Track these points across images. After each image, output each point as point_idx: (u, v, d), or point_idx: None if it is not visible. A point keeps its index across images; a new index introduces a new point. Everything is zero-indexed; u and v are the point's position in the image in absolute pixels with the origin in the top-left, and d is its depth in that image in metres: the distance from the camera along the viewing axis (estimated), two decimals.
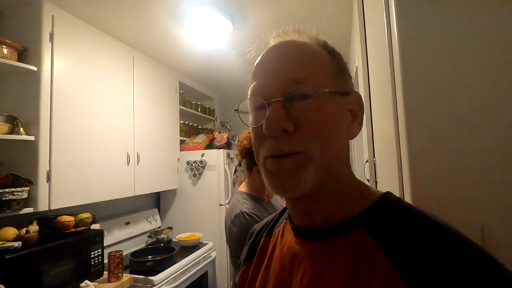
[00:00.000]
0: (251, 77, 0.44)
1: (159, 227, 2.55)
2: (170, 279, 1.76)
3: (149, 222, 2.43)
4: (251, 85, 0.43)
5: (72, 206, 1.58)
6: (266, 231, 0.53)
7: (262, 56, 0.43)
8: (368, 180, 1.13)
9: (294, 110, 0.38)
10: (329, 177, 0.39)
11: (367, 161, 1.13)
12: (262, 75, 0.42)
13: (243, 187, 1.28)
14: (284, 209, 0.53)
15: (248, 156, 1.21)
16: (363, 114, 0.44)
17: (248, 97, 0.43)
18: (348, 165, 0.44)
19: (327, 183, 0.39)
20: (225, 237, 2.40)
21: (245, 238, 0.97)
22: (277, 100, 0.38)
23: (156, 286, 1.66)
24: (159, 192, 2.70)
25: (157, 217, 2.54)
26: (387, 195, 0.41)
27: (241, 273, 0.53)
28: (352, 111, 0.42)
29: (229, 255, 1.15)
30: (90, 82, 1.74)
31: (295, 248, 0.42)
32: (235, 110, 0.48)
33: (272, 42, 0.44)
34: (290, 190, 0.39)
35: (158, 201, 2.71)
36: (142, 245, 2.32)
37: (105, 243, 1.95)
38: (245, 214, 1.08)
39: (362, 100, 0.44)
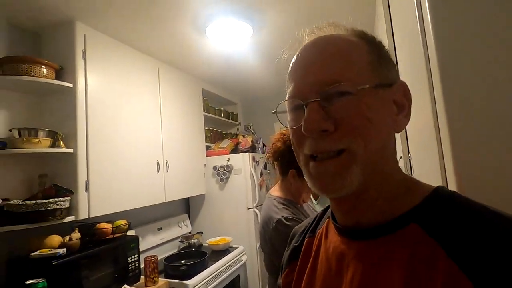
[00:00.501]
0: (287, 78, 0.44)
1: (189, 232, 2.61)
2: (203, 283, 1.79)
3: (180, 227, 2.48)
4: (288, 87, 0.43)
5: (109, 214, 1.66)
6: (308, 232, 0.52)
7: (296, 56, 0.43)
8: None
9: (333, 108, 0.37)
10: (375, 173, 0.38)
11: (401, 157, 1.08)
12: (298, 75, 0.41)
13: (276, 191, 1.21)
14: (325, 209, 0.52)
15: (282, 158, 1.15)
16: (410, 106, 0.41)
17: (286, 98, 0.43)
18: (394, 160, 0.42)
19: (373, 180, 0.38)
20: (253, 240, 2.39)
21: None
22: (314, 101, 0.37)
23: None
24: (188, 198, 2.76)
25: (188, 222, 2.60)
26: (440, 189, 0.38)
27: (284, 275, 0.52)
28: (397, 102, 0.40)
29: (265, 260, 1.11)
30: (120, 95, 1.82)
31: (341, 248, 0.41)
32: (273, 112, 0.47)
33: (306, 40, 0.44)
34: (335, 191, 0.39)
35: (187, 206, 2.78)
36: (175, 250, 2.38)
37: (140, 248, 2.03)
38: (287, 220, 1.00)
39: (409, 90, 0.41)
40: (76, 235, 1.40)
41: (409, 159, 1.02)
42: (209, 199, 2.67)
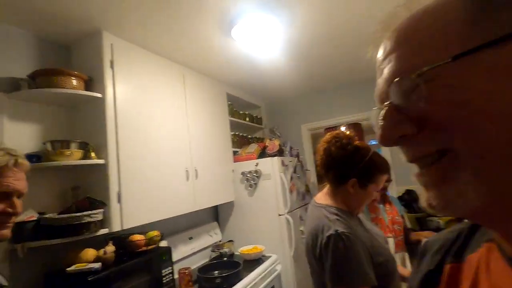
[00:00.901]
0: None
1: (220, 241, 2.54)
2: None
3: (210, 236, 2.42)
4: None
5: (141, 225, 1.62)
6: (450, 254, 0.39)
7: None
8: None
9: (413, 106, 0.29)
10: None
11: None
12: (377, 72, 0.35)
13: (327, 200, 1.05)
14: (474, 226, 0.39)
15: (338, 166, 1.01)
16: None
17: None
18: None
19: None
20: (287, 248, 2.20)
21: (345, 263, 0.84)
22: (387, 104, 0.31)
23: None
24: (217, 205, 2.70)
25: (217, 230, 2.53)
26: None
27: None
28: None
29: (312, 275, 1.00)
30: (147, 103, 1.79)
31: None
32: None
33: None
34: (443, 210, 0.29)
35: (216, 214, 2.71)
36: (206, 260, 2.32)
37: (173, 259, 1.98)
38: (343, 235, 0.87)
39: None
40: (111, 248, 1.36)
41: None
42: (238, 206, 2.59)
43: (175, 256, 2.01)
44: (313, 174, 3.19)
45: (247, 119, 3.13)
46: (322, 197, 1.08)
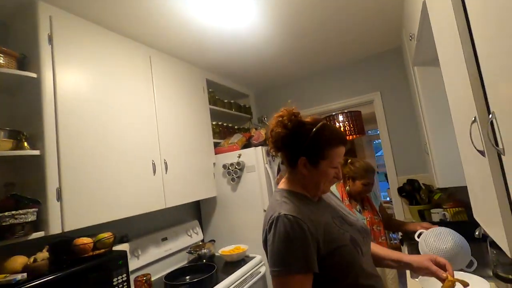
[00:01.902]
0: None
1: (201, 241, 2.31)
2: None
3: (190, 236, 2.19)
4: None
5: (95, 226, 1.40)
6: None
7: None
8: (480, 152, 0.67)
9: None
10: None
11: (474, 121, 0.67)
12: None
13: (285, 184, 0.98)
14: None
15: (287, 146, 0.92)
16: None
17: None
18: None
19: None
20: None
21: (284, 246, 0.77)
22: None
23: None
24: (199, 202, 2.47)
25: (198, 229, 2.30)
26: None
27: None
28: None
29: (270, 272, 0.83)
30: (103, 87, 1.56)
31: None
32: None
33: None
34: None
35: (198, 212, 2.48)
36: (184, 263, 2.09)
37: (140, 263, 1.76)
38: (286, 218, 0.80)
39: None
40: (43, 255, 1.14)
41: (492, 122, 0.61)
42: (221, 202, 2.36)
43: (145, 259, 1.80)
44: None
45: (233, 108, 2.89)
46: (282, 182, 1.00)
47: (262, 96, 3.34)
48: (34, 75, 1.30)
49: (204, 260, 2.01)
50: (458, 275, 1.15)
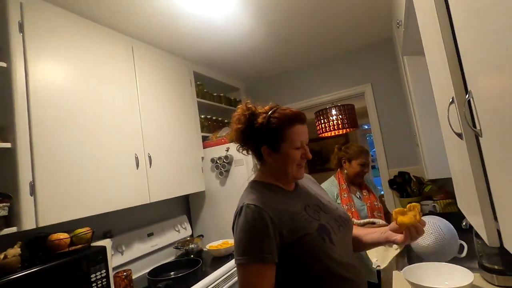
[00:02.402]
0: None
1: (190, 236, 2.28)
2: None
3: (177, 231, 2.16)
4: None
5: (75, 221, 1.36)
6: None
7: None
8: (458, 135, 0.64)
9: None
10: None
11: (452, 102, 0.63)
12: None
13: (256, 176, 0.98)
14: None
15: (248, 140, 0.92)
16: None
17: None
18: None
19: None
20: None
21: (245, 236, 0.77)
22: None
23: None
24: (188, 197, 2.43)
25: (187, 224, 2.27)
26: None
27: None
28: None
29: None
30: (79, 78, 1.51)
31: None
32: None
33: None
34: None
35: (187, 206, 2.45)
36: (172, 258, 2.06)
37: (124, 259, 1.72)
38: (248, 208, 0.80)
39: None
40: (14, 251, 1.09)
41: (469, 102, 0.58)
42: (210, 197, 2.32)
43: (130, 255, 1.76)
44: None
45: (222, 101, 2.83)
46: (256, 174, 0.98)
47: (252, 90, 3.29)
48: (4, 64, 1.24)
49: (192, 255, 1.97)
50: (441, 264, 1.12)
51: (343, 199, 1.73)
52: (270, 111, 0.89)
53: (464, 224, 1.26)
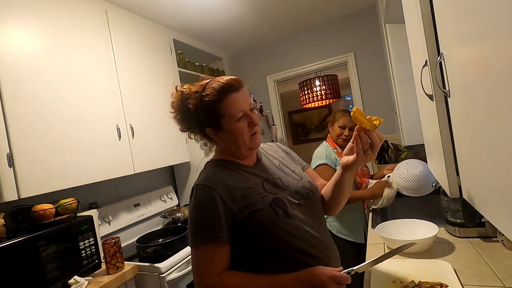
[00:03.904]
0: None
1: (177, 206, 2.32)
2: (182, 264, 1.50)
3: (164, 201, 2.19)
4: None
5: (59, 192, 1.35)
6: None
7: None
8: (429, 96, 0.67)
9: None
10: None
11: (425, 65, 0.66)
12: None
13: (212, 155, 0.93)
14: None
15: (189, 125, 0.86)
16: None
17: None
18: None
19: None
20: None
21: (196, 216, 0.76)
22: None
23: (165, 274, 1.40)
24: (173, 168, 2.44)
25: (173, 195, 2.30)
26: None
27: None
28: None
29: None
30: (50, 44, 1.43)
31: None
32: None
33: None
34: None
35: (173, 177, 2.47)
36: (159, 227, 2.11)
37: (112, 229, 1.76)
38: (197, 188, 0.78)
39: None
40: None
41: (440, 64, 0.61)
42: (195, 168, 2.34)
43: (116, 225, 1.79)
44: (279, 130, 2.94)
45: (204, 71, 2.77)
46: (214, 153, 0.94)
47: (236, 60, 3.22)
48: None
49: (179, 224, 2.03)
50: (410, 220, 1.22)
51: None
52: (201, 89, 0.81)
53: (434, 184, 1.36)
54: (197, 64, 2.70)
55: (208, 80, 0.82)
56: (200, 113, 0.80)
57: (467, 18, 0.42)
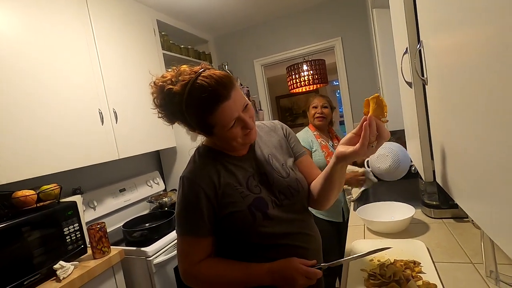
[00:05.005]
0: None
1: (163, 191, 2.32)
2: (169, 247, 1.53)
3: (150, 186, 2.19)
4: None
5: (40, 178, 1.33)
6: None
7: None
8: (408, 84, 0.69)
9: None
10: None
11: (405, 52, 0.67)
12: None
13: (205, 140, 0.88)
14: None
15: (179, 120, 0.76)
16: None
17: None
18: None
19: None
20: None
21: (180, 209, 0.78)
22: None
23: (152, 257, 1.42)
24: (158, 153, 2.42)
25: (159, 180, 2.29)
26: None
27: None
28: None
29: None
30: (26, 24, 1.35)
31: None
32: None
33: None
34: None
35: (159, 162, 2.45)
36: (146, 212, 2.11)
37: (97, 214, 1.75)
38: (183, 180, 0.78)
39: None
40: None
41: (420, 52, 0.62)
42: (181, 153, 2.33)
43: (101, 211, 1.78)
44: (266, 114, 2.94)
45: (190, 54, 2.70)
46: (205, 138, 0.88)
47: (222, 43, 3.15)
48: None
49: (166, 208, 2.04)
50: (389, 203, 1.28)
51: (322, 145, 1.82)
52: (185, 98, 0.69)
53: (413, 169, 1.42)
54: (182, 46, 2.63)
55: (192, 79, 0.68)
56: (187, 117, 0.72)
57: (445, 6, 0.43)
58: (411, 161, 1.43)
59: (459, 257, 0.92)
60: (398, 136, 2.36)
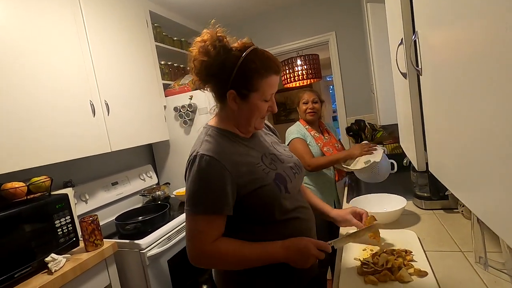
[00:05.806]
0: None
1: (156, 184, 2.31)
2: (163, 240, 1.52)
3: (143, 180, 2.17)
4: None
5: (31, 170, 1.30)
6: None
7: None
8: (403, 75, 0.70)
9: None
10: None
11: (401, 43, 0.68)
12: None
13: (213, 120, 0.91)
14: None
15: (212, 77, 0.81)
16: None
17: None
18: None
19: None
20: None
21: (198, 186, 0.75)
22: None
23: (145, 250, 1.42)
24: (151, 146, 2.40)
25: (152, 173, 2.28)
26: None
27: None
28: None
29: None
30: (13, 14, 1.30)
31: None
32: None
33: None
34: None
35: (152, 156, 2.43)
36: (139, 205, 2.10)
37: (89, 207, 1.73)
38: (202, 158, 0.76)
39: None
40: None
41: (415, 42, 0.62)
42: (175, 146, 2.32)
43: (93, 204, 1.76)
44: None
45: (183, 47, 2.66)
46: (213, 118, 0.92)
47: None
48: None
49: (159, 202, 2.02)
50: (382, 195, 1.30)
51: (316, 137, 1.84)
52: (248, 52, 0.77)
53: (405, 162, 1.44)
54: (175, 39, 2.59)
55: (253, 46, 0.81)
56: (235, 73, 0.77)
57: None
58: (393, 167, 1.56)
59: (448, 245, 0.94)
60: (391, 130, 2.39)
